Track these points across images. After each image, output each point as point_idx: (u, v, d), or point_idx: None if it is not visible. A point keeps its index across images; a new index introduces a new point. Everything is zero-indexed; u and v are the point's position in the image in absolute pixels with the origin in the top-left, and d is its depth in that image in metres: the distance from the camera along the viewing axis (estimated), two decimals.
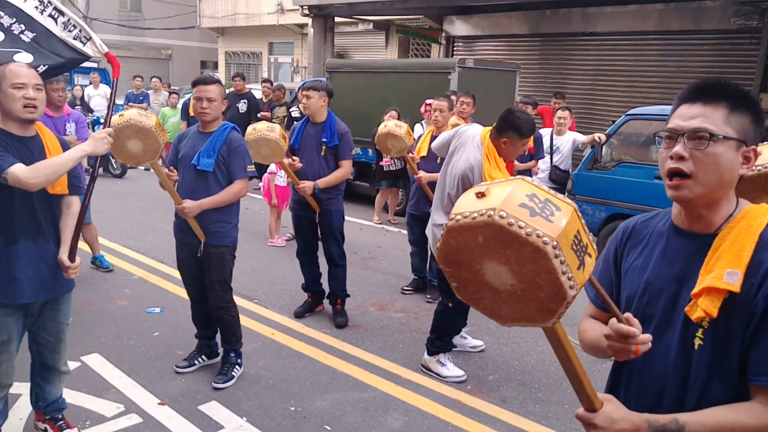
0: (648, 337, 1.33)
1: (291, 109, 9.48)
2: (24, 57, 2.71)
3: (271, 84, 10.89)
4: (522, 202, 1.10)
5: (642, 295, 1.46)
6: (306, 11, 13.67)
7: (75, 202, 2.84)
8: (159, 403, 3.54)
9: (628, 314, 1.34)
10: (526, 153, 6.52)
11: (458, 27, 13.60)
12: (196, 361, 3.99)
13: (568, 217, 1.11)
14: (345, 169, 4.69)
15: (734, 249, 1.32)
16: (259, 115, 9.96)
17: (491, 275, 1.15)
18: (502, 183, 1.16)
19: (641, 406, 1.38)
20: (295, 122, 7.08)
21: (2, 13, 2.75)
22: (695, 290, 1.34)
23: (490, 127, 3.73)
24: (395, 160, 7.79)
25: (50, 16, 2.83)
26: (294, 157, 4.61)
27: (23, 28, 2.78)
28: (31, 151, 2.66)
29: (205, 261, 3.74)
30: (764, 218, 1.35)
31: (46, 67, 2.78)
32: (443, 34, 13.89)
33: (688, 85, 1.41)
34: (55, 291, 2.83)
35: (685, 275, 1.39)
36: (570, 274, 1.08)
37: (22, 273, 2.68)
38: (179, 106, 11.25)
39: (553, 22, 11.85)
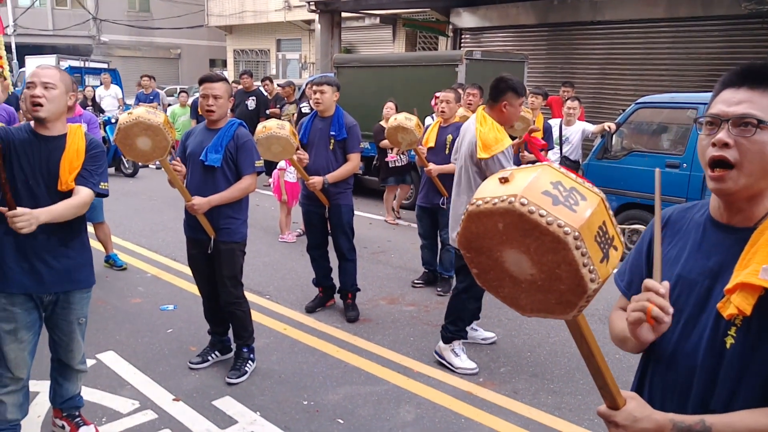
0: (668, 306, 1.25)
1: (301, 105, 9.52)
2: None
3: (271, 82, 10.96)
4: (545, 189, 1.06)
5: (673, 288, 1.37)
6: (313, 7, 13.70)
7: (81, 190, 2.75)
8: (173, 399, 3.57)
9: (665, 282, 1.28)
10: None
11: (465, 19, 13.52)
12: (209, 357, 4.02)
13: (593, 208, 1.06)
14: (353, 163, 4.70)
15: None
16: (267, 111, 10.00)
17: (511, 263, 1.11)
18: (527, 169, 1.12)
19: (666, 406, 1.32)
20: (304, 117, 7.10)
21: None
22: (729, 286, 1.25)
23: (482, 106, 3.99)
24: (400, 156, 7.79)
25: None
26: (301, 150, 4.61)
27: None
28: (49, 151, 2.69)
29: (216, 257, 3.77)
30: None
31: None
32: (450, 27, 13.83)
33: (732, 69, 1.32)
34: (58, 287, 2.81)
35: (720, 270, 1.32)
36: (591, 267, 1.04)
37: (15, 263, 2.68)
38: (189, 104, 11.31)
39: (561, 12, 11.75)
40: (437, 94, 5.53)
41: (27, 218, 2.47)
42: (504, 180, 1.10)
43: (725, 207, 1.34)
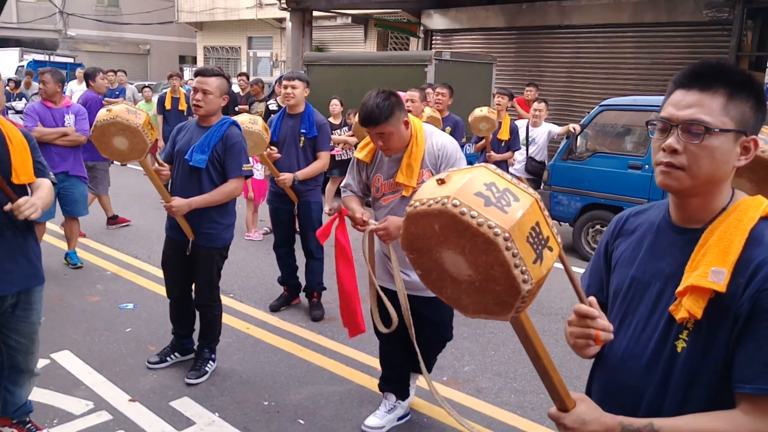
0: (609, 325, 1.27)
1: (269, 102, 9.45)
2: None
3: (248, 78, 10.84)
4: (478, 190, 1.07)
5: (627, 290, 1.39)
6: (284, 5, 13.60)
7: (44, 182, 2.69)
8: (129, 400, 3.48)
9: (591, 298, 1.29)
10: (503, 144, 6.55)
11: (436, 20, 13.60)
12: (168, 358, 3.93)
13: (525, 209, 1.06)
14: (323, 161, 4.69)
15: (721, 245, 1.22)
16: (237, 108, 9.90)
17: (450, 264, 1.12)
18: (464, 170, 1.13)
19: (616, 409, 1.30)
20: (272, 115, 7.05)
21: None
22: (679, 288, 1.25)
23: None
24: (345, 150, 7.96)
25: None
26: (272, 147, 4.58)
27: None
28: None
29: (193, 260, 3.66)
30: (755, 212, 1.24)
31: None
32: (421, 28, 13.90)
33: (683, 69, 1.29)
34: (25, 283, 2.71)
35: (672, 271, 1.30)
36: (524, 268, 1.04)
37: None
38: (154, 100, 11.08)
39: (530, 15, 11.93)
40: (400, 94, 5.52)
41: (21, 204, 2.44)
42: (441, 181, 1.12)
43: (676, 206, 1.34)
